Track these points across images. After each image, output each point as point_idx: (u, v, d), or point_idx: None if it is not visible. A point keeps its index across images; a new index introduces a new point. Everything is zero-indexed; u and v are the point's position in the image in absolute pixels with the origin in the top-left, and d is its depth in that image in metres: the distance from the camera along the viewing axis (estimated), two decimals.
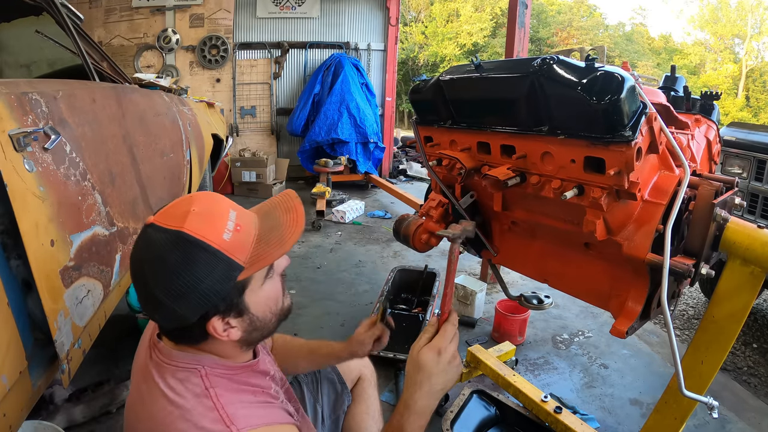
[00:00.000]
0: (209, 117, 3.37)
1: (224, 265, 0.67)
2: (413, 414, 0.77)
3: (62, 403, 1.65)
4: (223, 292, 0.68)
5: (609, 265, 0.96)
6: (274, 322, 0.79)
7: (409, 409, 0.78)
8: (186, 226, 0.66)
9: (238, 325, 0.72)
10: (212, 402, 0.68)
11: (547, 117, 0.85)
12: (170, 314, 0.68)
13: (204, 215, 0.68)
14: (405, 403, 0.78)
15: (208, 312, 0.69)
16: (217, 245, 0.67)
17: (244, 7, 5.94)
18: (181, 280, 0.65)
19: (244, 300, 0.72)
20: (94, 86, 1.50)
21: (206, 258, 0.66)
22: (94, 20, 5.47)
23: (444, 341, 0.82)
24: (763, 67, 19.15)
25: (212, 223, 0.68)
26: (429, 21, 17.14)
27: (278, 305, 0.79)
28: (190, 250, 0.65)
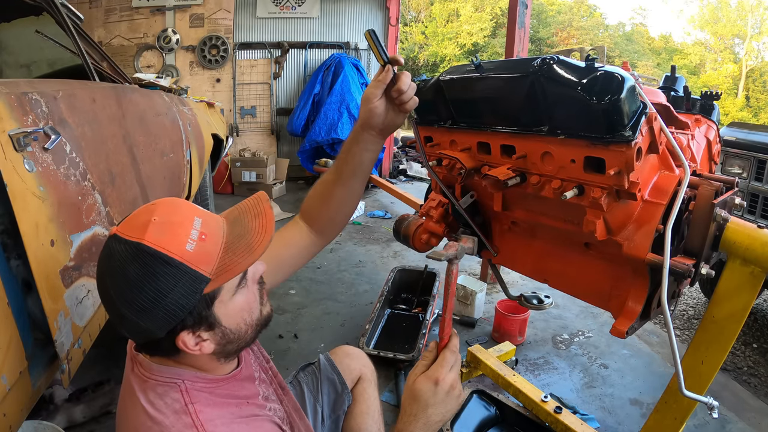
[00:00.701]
0: (209, 117, 3.37)
1: (188, 278, 0.64)
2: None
3: (62, 403, 1.65)
4: (189, 306, 0.65)
5: (609, 265, 0.96)
6: (251, 333, 0.76)
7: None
8: (146, 238, 0.63)
9: (211, 338, 0.69)
10: (191, 419, 0.66)
11: (547, 117, 0.85)
12: (135, 328, 0.65)
13: (165, 225, 0.65)
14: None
15: (176, 327, 0.66)
16: (179, 257, 0.63)
17: (244, 7, 5.94)
18: (143, 295, 0.62)
19: (214, 313, 0.68)
20: (94, 86, 1.50)
21: (168, 271, 0.62)
22: (94, 20, 5.47)
23: (442, 370, 0.76)
24: (763, 67, 19.15)
25: (174, 233, 0.64)
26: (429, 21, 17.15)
27: (253, 316, 0.75)
28: (150, 263, 0.62)
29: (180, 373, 0.71)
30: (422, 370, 0.78)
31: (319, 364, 1.26)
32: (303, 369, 1.28)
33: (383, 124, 0.90)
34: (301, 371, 1.27)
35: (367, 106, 0.87)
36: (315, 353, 2.12)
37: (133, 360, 0.76)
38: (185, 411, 0.67)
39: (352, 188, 0.99)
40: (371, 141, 0.92)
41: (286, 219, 4.57)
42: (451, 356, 0.78)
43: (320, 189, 1.01)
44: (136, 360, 0.74)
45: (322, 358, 1.27)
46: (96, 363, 1.89)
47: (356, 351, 1.34)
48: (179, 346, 0.67)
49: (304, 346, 2.29)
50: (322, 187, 1.01)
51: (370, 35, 0.81)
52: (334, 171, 0.98)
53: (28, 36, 2.47)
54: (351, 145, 0.94)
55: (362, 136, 0.92)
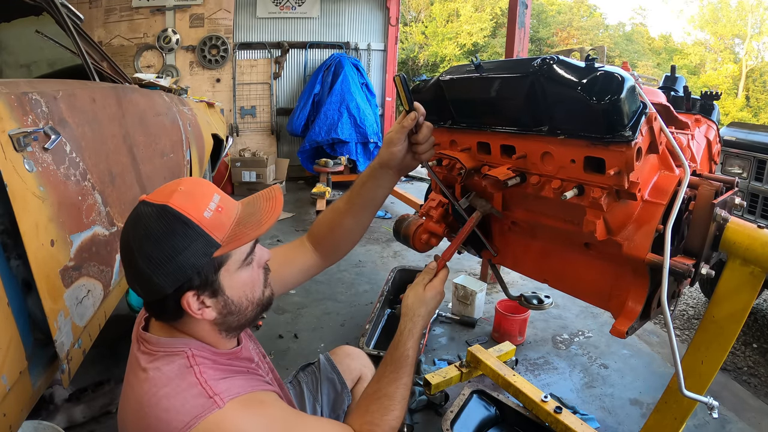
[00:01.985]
0: (209, 117, 3.37)
1: (202, 240, 0.71)
2: (413, 337, 0.94)
3: (62, 403, 1.65)
4: (199, 266, 0.71)
5: (609, 265, 0.96)
6: (251, 311, 0.81)
7: (413, 334, 0.94)
8: (171, 202, 0.71)
9: (213, 306, 0.75)
10: (196, 378, 0.71)
11: (547, 117, 0.85)
12: (148, 284, 0.71)
13: (189, 194, 0.73)
14: (410, 331, 0.94)
15: (183, 285, 0.71)
16: (197, 221, 0.71)
17: (244, 7, 5.94)
18: (160, 250, 0.69)
19: (219, 279, 0.74)
20: (94, 86, 1.50)
21: (186, 231, 0.70)
22: (94, 20, 5.47)
23: (441, 284, 0.99)
24: (763, 67, 19.14)
25: (195, 201, 0.73)
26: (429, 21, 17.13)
27: (255, 294, 0.81)
28: (172, 222, 0.70)
29: (186, 342, 0.76)
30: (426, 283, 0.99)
31: (318, 364, 1.26)
32: (303, 369, 1.28)
33: (401, 165, 0.98)
34: (301, 371, 1.27)
35: (389, 148, 0.94)
36: (315, 353, 2.12)
37: (139, 340, 0.79)
38: (191, 372, 0.72)
39: (361, 220, 1.05)
40: (387, 179, 0.99)
41: (286, 218, 4.57)
42: (445, 274, 1.01)
43: (330, 216, 1.07)
44: (143, 338, 0.79)
45: (321, 358, 1.27)
46: (96, 363, 1.89)
47: (356, 351, 1.34)
48: (183, 307, 0.72)
49: (304, 346, 2.29)
50: (332, 214, 1.07)
51: (401, 81, 0.88)
52: (346, 201, 1.04)
53: (28, 36, 2.47)
54: (366, 180, 1.00)
55: (378, 173, 0.99)
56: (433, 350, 2.25)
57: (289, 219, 4.58)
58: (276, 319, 2.55)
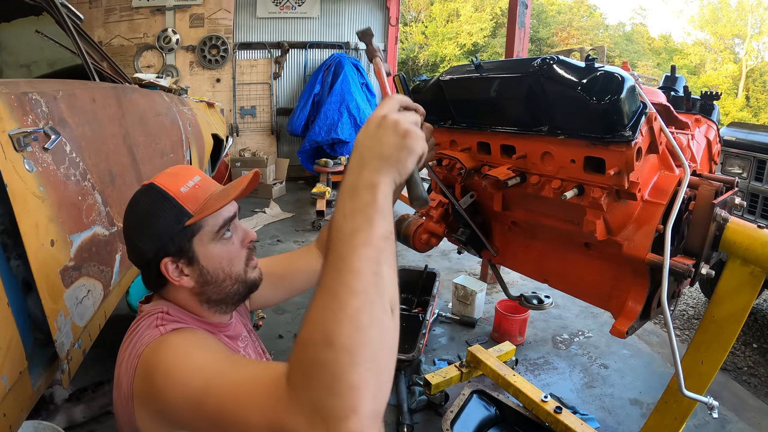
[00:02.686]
0: (209, 117, 3.37)
1: (176, 210, 0.81)
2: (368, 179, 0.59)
3: (62, 403, 1.65)
4: (172, 233, 0.80)
5: (609, 265, 0.96)
6: (229, 285, 0.86)
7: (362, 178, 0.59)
8: (157, 180, 0.84)
9: (191, 274, 0.82)
10: (158, 319, 0.79)
11: (547, 117, 0.85)
12: (135, 250, 0.83)
13: (173, 174, 0.86)
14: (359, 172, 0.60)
15: (160, 250, 0.80)
16: (173, 194, 0.82)
17: (244, 7, 5.94)
18: (142, 218, 0.82)
19: (194, 248, 0.82)
20: (94, 86, 1.50)
21: (163, 202, 0.81)
22: (94, 20, 5.47)
23: (383, 106, 0.65)
24: (763, 67, 19.13)
25: (176, 179, 0.84)
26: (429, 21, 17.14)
27: (233, 268, 0.86)
28: (153, 196, 0.82)
29: (167, 304, 0.84)
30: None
31: None
32: None
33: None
34: None
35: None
36: None
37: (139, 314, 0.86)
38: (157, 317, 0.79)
39: None
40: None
41: (286, 218, 4.57)
42: (401, 98, 0.68)
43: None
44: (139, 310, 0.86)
45: None
46: (96, 363, 1.89)
47: None
48: (162, 271, 0.81)
49: None
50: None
51: (401, 81, 0.87)
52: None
53: (28, 36, 2.47)
54: None
55: None
56: (433, 350, 2.25)
57: (289, 219, 4.58)
58: (276, 319, 2.55)
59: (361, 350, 0.48)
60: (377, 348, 0.49)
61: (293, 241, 3.94)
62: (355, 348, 0.48)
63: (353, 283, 0.50)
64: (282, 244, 3.85)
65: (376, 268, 0.52)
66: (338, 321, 0.49)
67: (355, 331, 0.48)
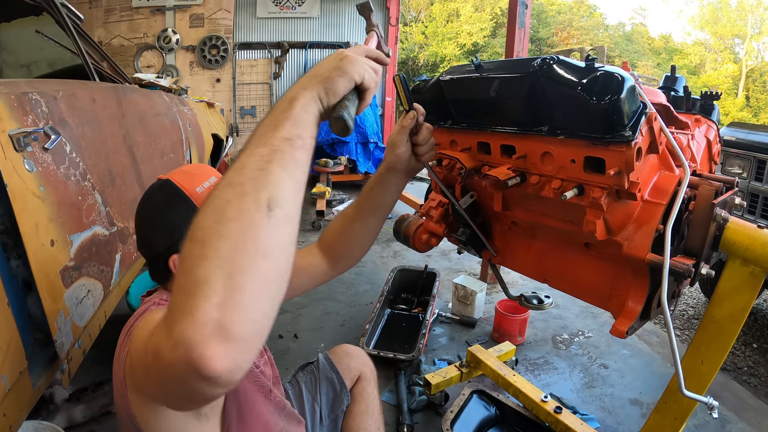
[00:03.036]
0: (209, 117, 3.37)
1: (190, 209, 0.83)
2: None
3: (62, 403, 1.65)
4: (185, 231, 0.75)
5: (609, 265, 0.96)
6: None
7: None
8: (173, 177, 0.87)
9: None
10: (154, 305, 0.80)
11: (547, 117, 0.85)
12: (146, 242, 0.87)
13: (189, 173, 0.89)
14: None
15: (171, 246, 0.83)
16: (189, 193, 0.85)
17: (244, 7, 5.94)
18: (156, 213, 0.85)
19: None
20: (94, 86, 1.50)
21: (178, 200, 0.84)
22: (94, 20, 5.47)
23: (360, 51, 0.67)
24: (763, 67, 19.14)
25: (192, 179, 0.87)
26: (429, 21, 17.14)
27: None
28: (168, 192, 0.85)
29: (169, 294, 0.86)
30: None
31: (317, 364, 1.26)
32: (302, 368, 1.28)
33: (407, 167, 0.97)
34: (300, 371, 1.27)
35: (393, 151, 0.94)
36: (315, 353, 2.11)
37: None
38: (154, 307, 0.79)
39: (371, 225, 1.05)
40: (394, 182, 0.99)
41: None
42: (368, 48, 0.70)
43: (339, 222, 1.08)
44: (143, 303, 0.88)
45: (321, 357, 1.27)
46: (96, 363, 1.89)
47: (356, 350, 1.34)
48: (171, 267, 0.84)
49: (304, 346, 2.29)
50: (341, 221, 1.07)
51: (401, 81, 0.87)
52: (355, 207, 1.05)
53: (28, 36, 2.47)
54: (374, 185, 1.01)
55: (386, 177, 0.98)
56: (433, 350, 2.25)
57: None
58: (276, 319, 2.54)
59: (215, 243, 0.42)
60: (237, 245, 0.42)
61: None
62: (208, 240, 0.42)
63: (233, 176, 0.47)
64: None
65: (264, 165, 0.47)
66: (204, 212, 0.45)
67: (215, 222, 0.43)
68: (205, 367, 0.38)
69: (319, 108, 0.58)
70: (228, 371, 0.39)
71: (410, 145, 0.94)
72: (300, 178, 0.50)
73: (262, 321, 0.42)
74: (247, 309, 0.41)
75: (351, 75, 0.60)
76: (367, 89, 0.63)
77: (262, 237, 0.44)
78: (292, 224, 0.48)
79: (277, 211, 0.45)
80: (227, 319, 0.39)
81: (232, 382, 0.40)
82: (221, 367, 0.38)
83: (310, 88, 0.57)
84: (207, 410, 0.72)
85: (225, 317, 0.39)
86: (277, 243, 0.45)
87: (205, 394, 0.41)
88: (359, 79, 0.61)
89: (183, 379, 0.40)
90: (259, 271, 0.42)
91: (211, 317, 0.39)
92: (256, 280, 0.42)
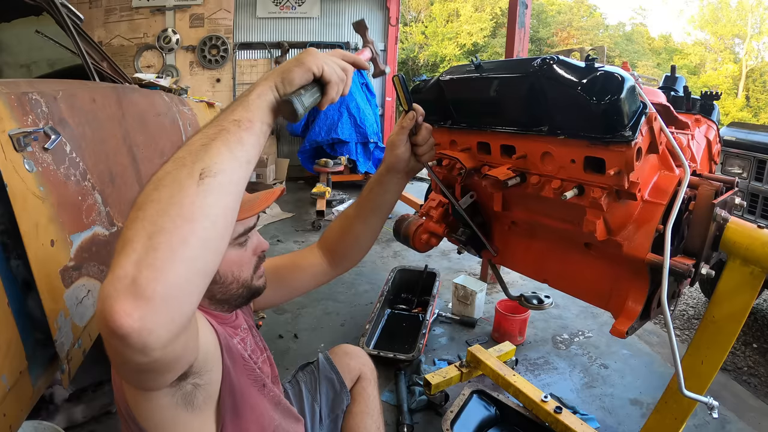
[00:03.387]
0: (209, 117, 3.36)
1: None
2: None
3: (62, 403, 1.65)
4: None
5: (609, 265, 0.96)
6: (235, 288, 0.86)
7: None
8: None
9: None
10: None
11: (547, 117, 0.85)
12: None
13: None
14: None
15: None
16: None
17: (244, 7, 5.94)
18: None
19: None
20: (94, 86, 1.50)
21: None
22: (94, 20, 5.47)
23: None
24: (763, 67, 19.13)
25: None
26: (429, 21, 17.14)
27: (242, 274, 0.86)
28: None
29: None
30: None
31: (317, 363, 1.26)
32: (302, 368, 1.28)
33: (408, 168, 0.98)
34: (300, 371, 1.27)
35: (393, 152, 0.95)
36: (315, 353, 2.11)
37: None
38: None
39: (371, 225, 1.05)
40: (395, 183, 1.00)
41: (286, 218, 4.56)
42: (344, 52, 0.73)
43: (340, 222, 1.08)
44: None
45: (320, 357, 1.27)
46: (96, 363, 1.89)
47: (356, 350, 1.34)
48: None
49: (304, 346, 2.29)
50: (342, 221, 1.08)
51: (400, 81, 0.87)
52: (356, 207, 1.05)
53: (28, 36, 2.47)
54: (374, 186, 1.01)
55: (386, 178, 0.99)
56: (433, 350, 2.25)
57: (289, 219, 4.58)
58: (276, 319, 2.55)
59: (146, 207, 0.46)
60: (162, 207, 0.45)
61: (293, 241, 3.94)
62: (142, 204, 0.47)
63: (179, 152, 0.51)
64: (282, 244, 3.85)
65: (207, 141, 0.52)
66: (149, 182, 0.49)
67: (152, 189, 0.48)
68: (115, 323, 0.39)
69: (275, 95, 0.61)
70: (137, 331, 0.40)
71: (410, 146, 0.95)
72: (241, 155, 0.53)
73: (179, 285, 0.43)
74: (161, 268, 0.42)
75: (308, 66, 0.63)
76: (327, 82, 0.65)
77: (187, 202, 0.46)
78: (224, 194, 0.50)
79: (208, 179, 0.48)
80: (141, 275, 0.41)
81: (148, 345, 0.41)
82: (129, 324, 0.39)
83: (269, 79, 0.62)
84: (200, 402, 0.72)
85: (139, 274, 0.41)
86: (202, 209, 0.47)
87: (134, 360, 0.42)
88: (317, 71, 0.63)
89: (106, 340, 0.42)
90: (179, 234, 0.44)
91: (126, 273, 0.41)
92: (174, 242, 0.43)
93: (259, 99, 0.59)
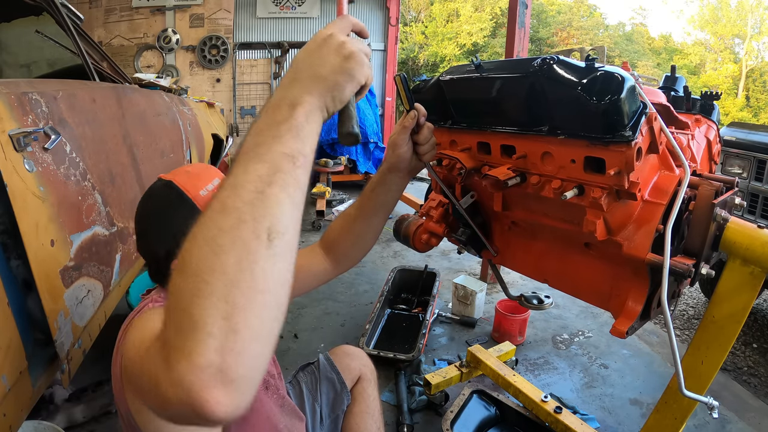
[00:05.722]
0: (209, 117, 3.37)
1: (193, 213, 0.80)
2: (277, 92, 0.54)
3: (62, 403, 1.65)
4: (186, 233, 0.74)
5: (609, 265, 0.96)
6: None
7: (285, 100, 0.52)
8: (176, 178, 0.85)
9: None
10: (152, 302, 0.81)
11: (547, 117, 0.85)
12: (146, 245, 0.86)
13: (193, 174, 0.87)
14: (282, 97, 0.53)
15: (171, 249, 0.80)
16: (192, 196, 0.83)
17: (244, 7, 5.94)
18: (158, 215, 0.84)
19: None
20: (94, 86, 1.50)
21: (181, 203, 0.82)
22: (94, 20, 5.46)
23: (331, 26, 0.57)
24: (763, 67, 19.13)
25: (196, 181, 0.85)
26: (429, 21, 17.13)
27: None
28: (170, 194, 0.84)
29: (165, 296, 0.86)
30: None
31: (318, 364, 1.26)
32: (302, 369, 1.28)
33: (409, 167, 0.97)
34: (301, 371, 1.27)
35: (394, 151, 0.94)
36: (315, 353, 2.12)
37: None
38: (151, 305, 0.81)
39: (372, 224, 1.05)
40: (396, 182, 0.99)
41: None
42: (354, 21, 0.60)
43: (342, 221, 1.08)
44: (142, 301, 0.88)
45: (321, 357, 1.27)
46: (96, 363, 1.89)
47: (356, 350, 1.34)
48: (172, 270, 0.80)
49: (304, 346, 2.29)
50: (343, 220, 1.07)
51: (401, 81, 0.87)
52: (357, 207, 1.04)
53: (28, 36, 2.47)
54: (376, 185, 1.00)
55: (388, 177, 0.98)
56: (433, 350, 2.25)
57: None
58: None
59: (210, 278, 0.38)
60: (234, 278, 0.39)
61: None
62: (202, 273, 0.39)
63: (228, 199, 0.42)
64: None
65: (263, 187, 0.42)
66: (195, 240, 0.41)
67: (210, 253, 0.40)
68: (207, 410, 0.37)
69: (324, 117, 0.53)
70: (229, 413, 0.38)
71: (411, 145, 0.94)
72: (300, 200, 0.45)
73: (262, 356, 0.40)
74: (245, 350, 0.38)
75: (358, 79, 0.54)
76: (366, 86, 0.58)
77: (260, 271, 0.40)
78: (292, 254, 0.44)
79: (277, 241, 0.41)
80: (225, 363, 0.37)
81: (234, 418, 0.39)
82: (223, 410, 0.37)
83: (316, 95, 0.51)
84: None
85: (224, 362, 0.37)
86: (276, 277, 0.41)
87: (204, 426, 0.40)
88: (365, 81, 0.56)
89: (183, 415, 0.39)
90: (254, 310, 0.39)
91: (210, 362, 0.37)
92: (254, 319, 0.39)
93: (309, 124, 0.49)
